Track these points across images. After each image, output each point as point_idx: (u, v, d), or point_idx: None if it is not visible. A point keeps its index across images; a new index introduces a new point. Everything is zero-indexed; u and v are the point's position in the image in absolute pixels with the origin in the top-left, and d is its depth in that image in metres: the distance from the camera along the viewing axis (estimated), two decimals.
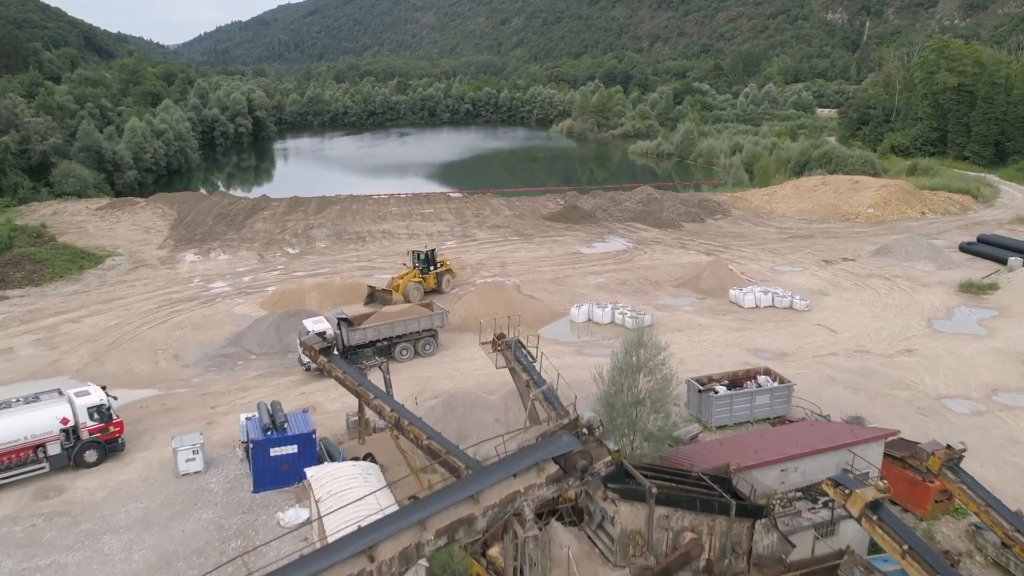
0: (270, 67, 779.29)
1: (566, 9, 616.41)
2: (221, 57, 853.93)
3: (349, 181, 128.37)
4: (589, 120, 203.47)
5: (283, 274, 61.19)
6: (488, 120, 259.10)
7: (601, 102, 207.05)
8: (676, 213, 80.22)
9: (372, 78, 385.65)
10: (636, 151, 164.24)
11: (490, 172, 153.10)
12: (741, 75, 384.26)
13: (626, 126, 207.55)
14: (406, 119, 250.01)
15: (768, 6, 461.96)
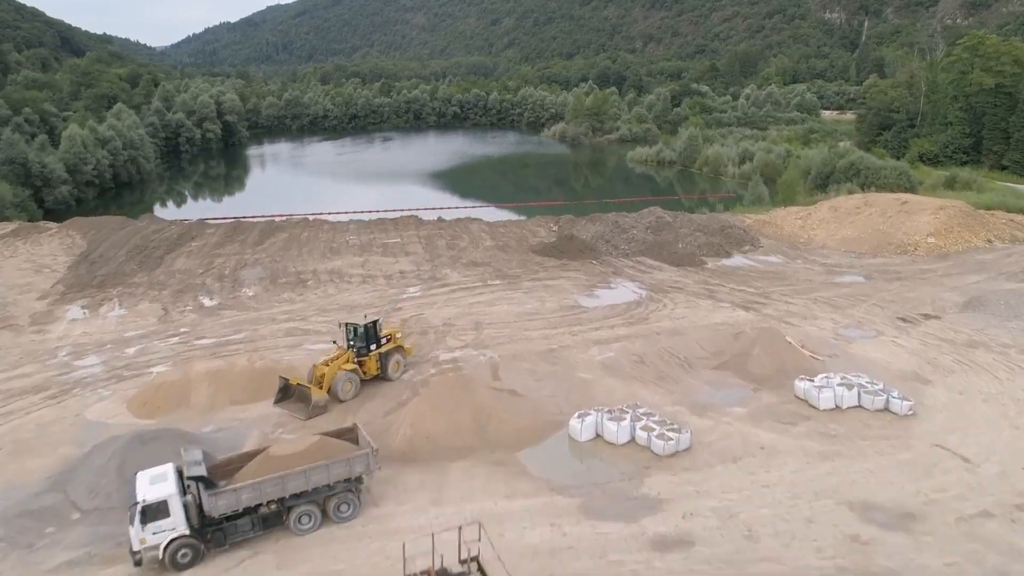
0: (258, 68, 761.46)
1: (558, 9, 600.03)
2: (209, 59, 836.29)
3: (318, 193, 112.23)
4: (583, 124, 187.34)
5: (183, 342, 44.75)
6: (477, 123, 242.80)
7: (596, 105, 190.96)
8: (695, 244, 64.05)
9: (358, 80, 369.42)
10: (635, 158, 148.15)
11: (476, 182, 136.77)
12: (738, 76, 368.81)
13: (622, 130, 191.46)
14: (390, 123, 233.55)
15: (764, 5, 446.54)
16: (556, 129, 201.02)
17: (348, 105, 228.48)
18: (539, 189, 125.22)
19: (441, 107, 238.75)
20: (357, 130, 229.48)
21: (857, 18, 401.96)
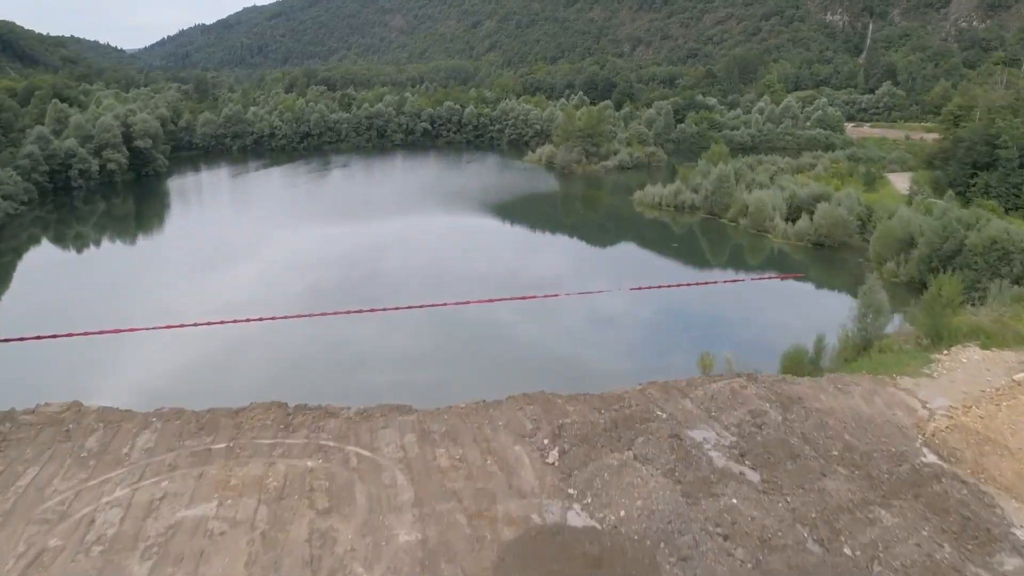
0: (231, 72, 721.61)
1: (541, 11, 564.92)
2: (181, 62, 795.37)
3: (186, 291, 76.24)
4: (575, 148, 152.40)
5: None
6: (451, 141, 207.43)
7: (589, 124, 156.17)
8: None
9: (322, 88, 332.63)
10: (643, 201, 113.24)
11: (435, 246, 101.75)
12: (737, 83, 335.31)
13: (621, 155, 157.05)
14: (349, 141, 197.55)
15: (759, 7, 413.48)
16: (542, 152, 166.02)
17: (299, 121, 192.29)
18: (520, 258, 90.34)
19: (409, 123, 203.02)
20: (310, 151, 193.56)
21: (861, 20, 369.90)
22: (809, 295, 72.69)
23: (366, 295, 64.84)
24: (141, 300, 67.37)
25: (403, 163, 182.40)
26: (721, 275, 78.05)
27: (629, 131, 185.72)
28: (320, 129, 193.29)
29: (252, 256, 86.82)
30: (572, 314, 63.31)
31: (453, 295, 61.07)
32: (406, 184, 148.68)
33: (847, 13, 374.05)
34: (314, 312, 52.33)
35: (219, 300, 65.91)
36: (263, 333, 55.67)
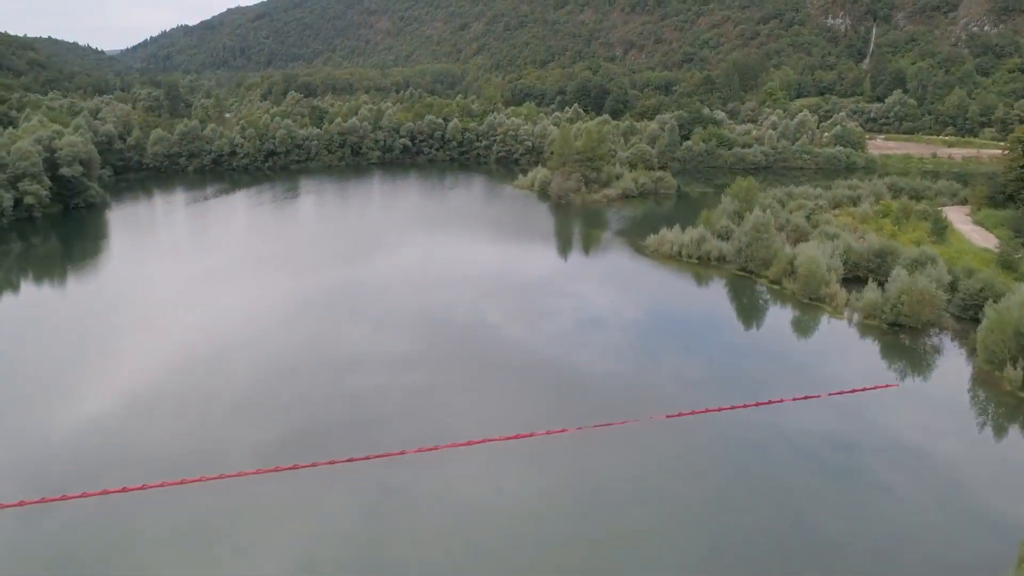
0: (213, 74, 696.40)
1: (530, 13, 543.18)
2: (162, 64, 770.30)
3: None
4: (572, 175, 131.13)
5: None
6: (433, 159, 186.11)
7: (588, 145, 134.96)
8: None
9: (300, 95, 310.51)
10: (659, 250, 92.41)
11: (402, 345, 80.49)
12: (737, 89, 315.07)
13: (625, 181, 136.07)
14: (320, 160, 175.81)
15: (756, 10, 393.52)
16: (535, 176, 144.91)
17: (263, 138, 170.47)
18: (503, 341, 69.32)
19: (387, 139, 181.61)
20: (277, 171, 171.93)
21: (864, 24, 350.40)
22: (915, 424, 51.72)
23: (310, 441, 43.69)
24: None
25: (380, 186, 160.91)
26: (782, 378, 57.15)
27: (630, 149, 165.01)
28: (287, 147, 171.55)
29: (168, 333, 65.52)
30: (575, 455, 42.57)
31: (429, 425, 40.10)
32: (382, 220, 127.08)
33: (849, 17, 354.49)
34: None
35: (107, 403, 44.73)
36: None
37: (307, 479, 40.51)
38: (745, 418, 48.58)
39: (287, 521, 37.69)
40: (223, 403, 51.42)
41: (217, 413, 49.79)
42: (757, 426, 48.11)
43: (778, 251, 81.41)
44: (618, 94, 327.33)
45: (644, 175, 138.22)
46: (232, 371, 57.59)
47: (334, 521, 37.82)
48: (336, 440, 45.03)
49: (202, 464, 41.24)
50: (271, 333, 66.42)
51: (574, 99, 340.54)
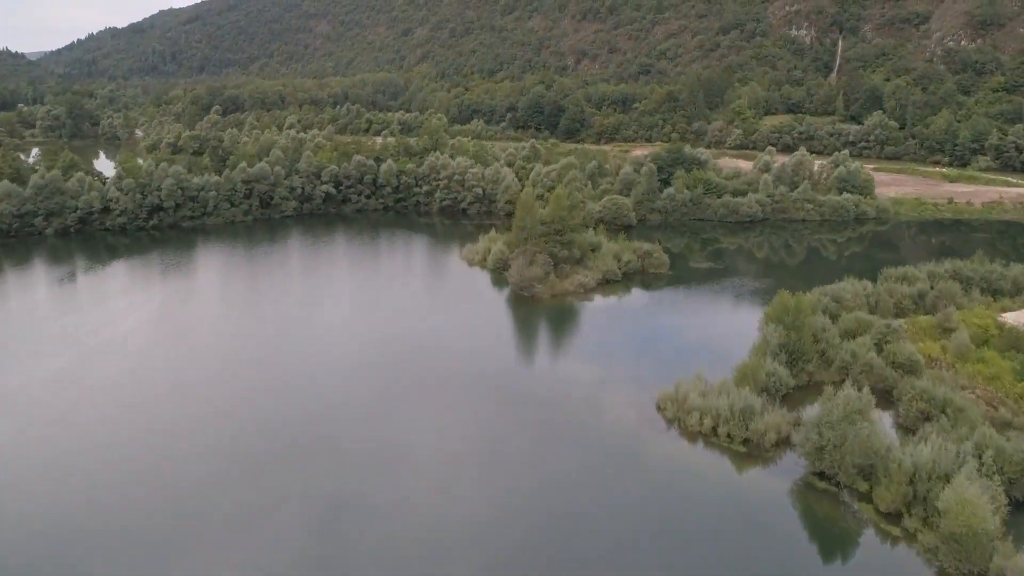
0: (140, 80, 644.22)
1: (476, 19, 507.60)
2: (87, 69, 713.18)
3: None
4: (537, 256, 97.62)
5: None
6: (364, 208, 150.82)
7: (556, 212, 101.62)
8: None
9: (218, 116, 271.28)
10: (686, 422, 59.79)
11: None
12: (702, 107, 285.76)
13: (604, 259, 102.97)
14: (221, 214, 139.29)
15: (715, 19, 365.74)
16: (488, 247, 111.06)
17: (145, 191, 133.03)
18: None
19: (305, 186, 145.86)
20: (165, 230, 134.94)
21: (830, 36, 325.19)
22: None
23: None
24: None
25: (297, 252, 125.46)
26: None
27: (602, 201, 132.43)
28: (177, 199, 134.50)
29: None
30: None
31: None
32: (288, 316, 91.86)
33: (814, 28, 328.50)
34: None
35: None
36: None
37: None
38: None
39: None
40: None
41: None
42: None
43: (881, 451, 49.55)
44: (574, 112, 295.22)
45: (627, 249, 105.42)
46: None
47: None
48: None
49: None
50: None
51: (526, 117, 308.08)
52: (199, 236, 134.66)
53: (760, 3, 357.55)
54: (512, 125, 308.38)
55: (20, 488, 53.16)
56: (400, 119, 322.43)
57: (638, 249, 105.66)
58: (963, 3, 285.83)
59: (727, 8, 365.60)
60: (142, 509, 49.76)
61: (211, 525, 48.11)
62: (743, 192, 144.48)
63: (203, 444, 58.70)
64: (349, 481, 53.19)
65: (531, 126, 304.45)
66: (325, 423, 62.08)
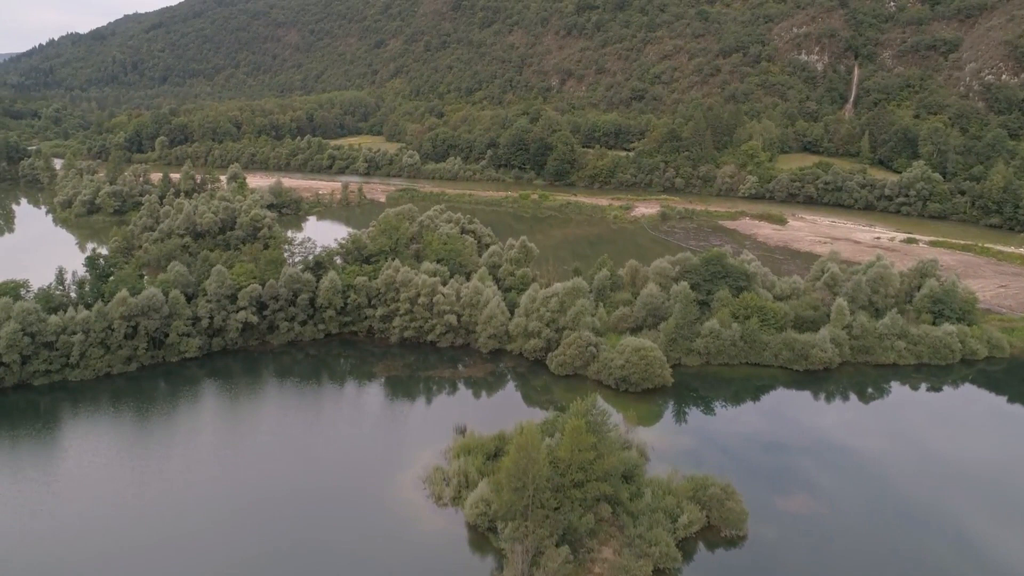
0: (100, 91, 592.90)
1: (453, 32, 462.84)
2: (44, 78, 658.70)
3: None
4: (545, 541, 57.24)
5: None
6: (298, 339, 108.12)
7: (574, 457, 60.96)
8: None
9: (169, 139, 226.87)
10: None
11: None
12: (710, 147, 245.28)
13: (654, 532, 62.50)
14: (91, 364, 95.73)
15: (713, 40, 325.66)
16: (469, 494, 69.57)
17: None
18: None
19: (215, 314, 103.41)
20: (4, 393, 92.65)
21: (844, 63, 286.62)
22: None
23: None
24: None
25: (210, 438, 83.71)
26: None
27: (624, 357, 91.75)
28: (23, 350, 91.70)
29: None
30: None
31: None
32: None
33: (826, 53, 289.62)
34: None
35: None
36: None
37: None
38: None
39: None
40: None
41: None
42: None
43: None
44: (563, 151, 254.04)
45: (684, 495, 64.71)
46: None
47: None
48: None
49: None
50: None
51: (509, 154, 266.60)
52: (60, 396, 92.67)
53: (763, 23, 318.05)
54: (493, 163, 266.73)
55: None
56: (367, 156, 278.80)
57: (701, 494, 64.87)
58: (999, 31, 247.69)
59: (727, 28, 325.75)
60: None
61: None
62: (810, 321, 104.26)
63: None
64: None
65: (514, 165, 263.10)
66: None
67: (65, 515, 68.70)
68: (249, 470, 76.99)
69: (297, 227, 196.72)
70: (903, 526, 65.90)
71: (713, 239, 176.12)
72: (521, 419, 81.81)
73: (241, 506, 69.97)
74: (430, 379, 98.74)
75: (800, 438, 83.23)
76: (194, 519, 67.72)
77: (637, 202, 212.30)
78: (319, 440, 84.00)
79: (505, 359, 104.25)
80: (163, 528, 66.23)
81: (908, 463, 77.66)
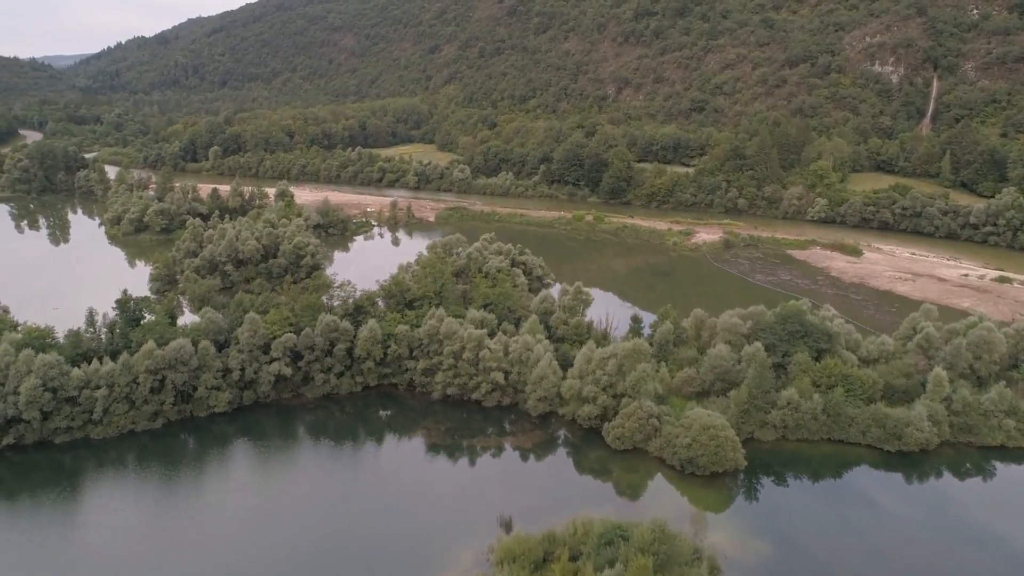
0: (163, 94, 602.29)
1: (507, 38, 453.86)
2: (111, 81, 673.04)
3: None
4: None
5: None
6: (334, 392, 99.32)
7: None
8: None
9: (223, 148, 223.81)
10: None
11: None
12: (776, 167, 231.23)
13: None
14: (115, 421, 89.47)
15: (779, 48, 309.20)
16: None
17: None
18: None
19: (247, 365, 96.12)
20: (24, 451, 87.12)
21: (922, 75, 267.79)
22: None
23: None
24: None
25: (232, 502, 76.70)
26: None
27: (691, 435, 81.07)
28: (43, 406, 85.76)
29: None
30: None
31: None
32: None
33: (902, 64, 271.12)
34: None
35: None
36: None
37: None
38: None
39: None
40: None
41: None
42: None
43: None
44: (619, 168, 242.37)
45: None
46: None
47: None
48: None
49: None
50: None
51: (562, 170, 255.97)
52: (84, 453, 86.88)
53: (833, 31, 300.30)
54: (546, 179, 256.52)
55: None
56: (417, 170, 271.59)
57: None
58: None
59: (793, 36, 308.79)
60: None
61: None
62: (901, 391, 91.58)
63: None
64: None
65: (568, 181, 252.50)
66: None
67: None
68: (275, 544, 69.33)
69: (344, 248, 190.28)
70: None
71: (781, 272, 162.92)
72: (574, 511, 72.47)
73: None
74: (474, 448, 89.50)
75: (894, 539, 71.26)
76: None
77: (698, 227, 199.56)
78: (353, 518, 75.68)
79: (556, 423, 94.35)
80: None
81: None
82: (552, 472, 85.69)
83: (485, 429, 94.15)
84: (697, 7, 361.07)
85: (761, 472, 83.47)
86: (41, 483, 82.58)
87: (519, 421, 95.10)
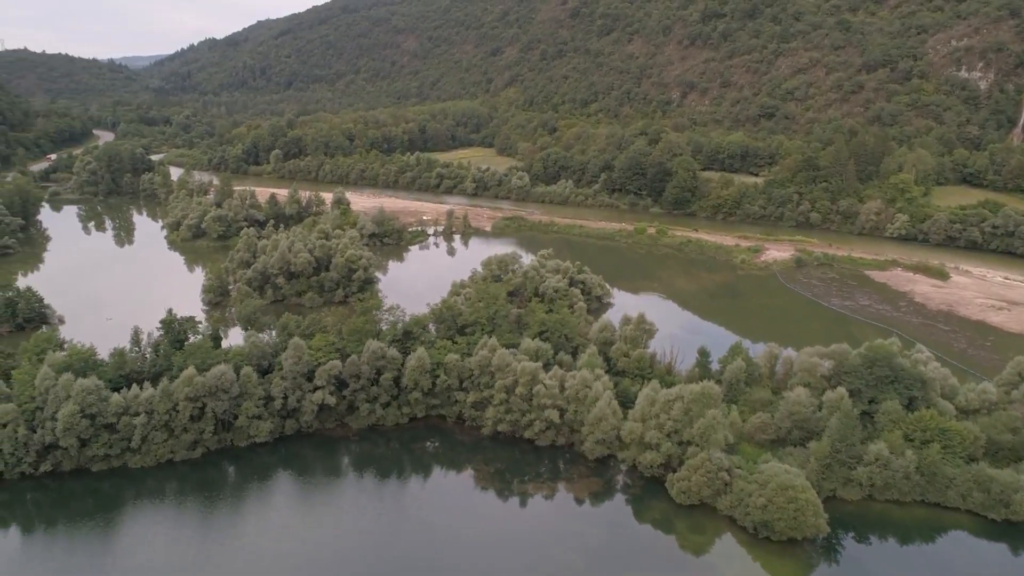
0: (231, 96, 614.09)
1: (570, 40, 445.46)
2: (182, 82, 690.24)
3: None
4: None
5: None
6: (379, 423, 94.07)
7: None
8: None
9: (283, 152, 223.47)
10: None
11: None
12: (854, 180, 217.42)
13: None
14: (154, 451, 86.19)
15: (855, 52, 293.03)
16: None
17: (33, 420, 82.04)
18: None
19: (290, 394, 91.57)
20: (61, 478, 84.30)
21: (1013, 81, 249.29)
22: None
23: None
24: None
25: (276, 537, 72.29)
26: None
27: (767, 492, 72.60)
28: (81, 433, 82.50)
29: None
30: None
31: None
32: None
33: (992, 70, 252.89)
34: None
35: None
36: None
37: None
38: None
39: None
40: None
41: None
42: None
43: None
44: (684, 178, 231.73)
45: None
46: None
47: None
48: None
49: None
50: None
51: (624, 179, 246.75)
52: (121, 481, 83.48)
53: (915, 34, 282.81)
54: (607, 188, 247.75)
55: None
56: (475, 176, 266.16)
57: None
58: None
59: (872, 40, 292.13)
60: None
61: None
62: (1007, 449, 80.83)
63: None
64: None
65: (630, 190, 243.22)
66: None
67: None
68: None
69: (398, 257, 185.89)
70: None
71: (859, 296, 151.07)
72: (632, 570, 64.92)
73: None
74: (525, 492, 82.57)
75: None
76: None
77: (767, 242, 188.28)
78: (394, 566, 69.70)
79: (614, 468, 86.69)
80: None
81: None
82: (609, 524, 78.09)
83: (538, 470, 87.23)
84: (768, 8, 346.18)
85: (844, 536, 74.26)
86: (79, 512, 79.53)
87: (574, 464, 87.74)
